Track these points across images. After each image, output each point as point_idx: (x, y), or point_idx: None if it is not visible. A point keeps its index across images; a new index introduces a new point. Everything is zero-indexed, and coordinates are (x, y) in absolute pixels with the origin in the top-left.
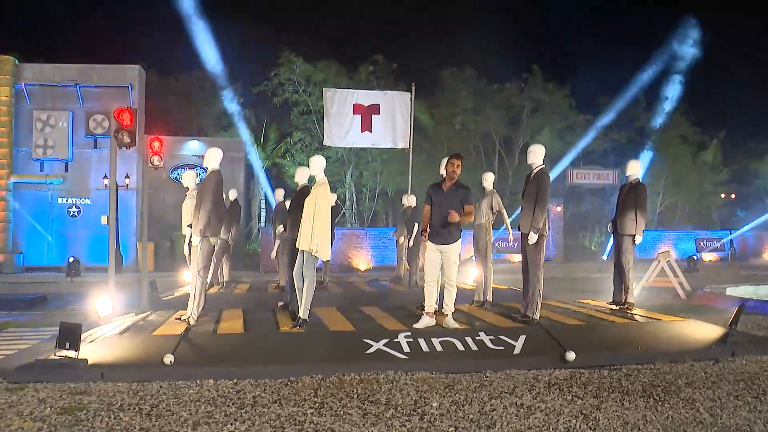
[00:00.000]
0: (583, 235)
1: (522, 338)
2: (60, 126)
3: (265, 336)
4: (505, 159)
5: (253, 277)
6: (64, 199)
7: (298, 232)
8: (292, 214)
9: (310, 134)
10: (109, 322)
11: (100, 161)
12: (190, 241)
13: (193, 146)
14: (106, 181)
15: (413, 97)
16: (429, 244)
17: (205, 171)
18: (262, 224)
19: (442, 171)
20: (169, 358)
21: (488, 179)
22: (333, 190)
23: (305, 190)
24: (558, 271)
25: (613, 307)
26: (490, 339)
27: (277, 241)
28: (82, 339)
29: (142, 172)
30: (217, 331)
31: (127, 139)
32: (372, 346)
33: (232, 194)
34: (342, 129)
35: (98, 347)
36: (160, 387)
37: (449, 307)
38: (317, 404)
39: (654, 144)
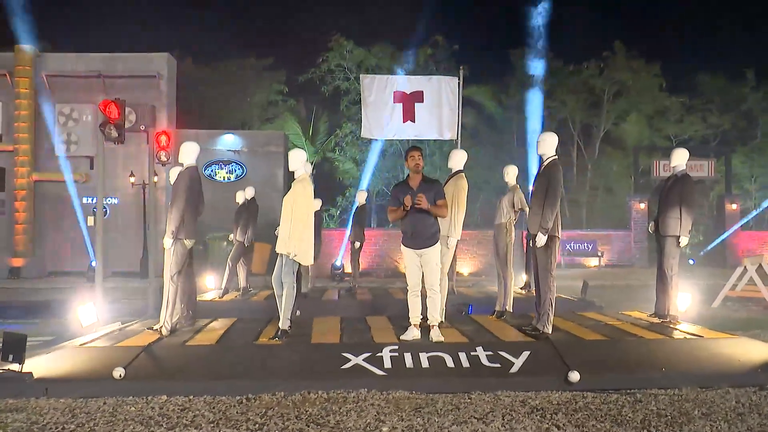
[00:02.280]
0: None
1: (524, 355)
2: (84, 120)
3: (235, 348)
4: (584, 150)
5: None
6: (90, 199)
7: None
8: None
9: (361, 126)
10: (94, 332)
11: (127, 158)
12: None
13: (228, 140)
14: (132, 179)
15: (461, 82)
16: (406, 250)
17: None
18: None
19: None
20: (118, 372)
21: (510, 173)
22: (387, 185)
23: None
24: (637, 278)
25: (654, 320)
26: (487, 355)
27: None
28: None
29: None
30: (187, 342)
31: (114, 134)
32: (350, 360)
33: (249, 192)
34: (381, 119)
35: (49, 359)
36: (104, 403)
37: (435, 318)
38: (257, 426)
39: (765, 129)
